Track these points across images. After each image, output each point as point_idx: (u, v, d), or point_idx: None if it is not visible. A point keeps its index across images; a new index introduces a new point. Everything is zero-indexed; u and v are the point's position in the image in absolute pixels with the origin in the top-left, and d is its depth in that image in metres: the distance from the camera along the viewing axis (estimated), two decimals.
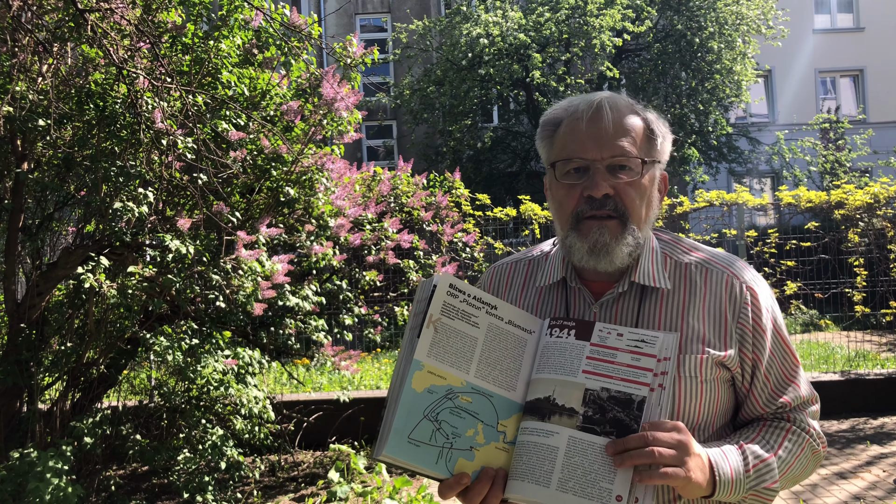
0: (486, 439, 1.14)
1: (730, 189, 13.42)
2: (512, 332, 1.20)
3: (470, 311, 1.17)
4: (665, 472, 1.03)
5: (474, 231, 6.10)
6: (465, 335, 1.16)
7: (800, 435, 1.23)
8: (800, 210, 6.99)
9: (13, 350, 3.97)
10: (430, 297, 1.15)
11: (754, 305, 1.22)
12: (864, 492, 4.38)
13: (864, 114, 19.31)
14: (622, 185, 1.19)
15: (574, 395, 1.12)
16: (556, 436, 1.10)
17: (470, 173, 14.24)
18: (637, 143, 1.21)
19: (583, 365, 1.15)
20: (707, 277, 1.24)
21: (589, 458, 1.07)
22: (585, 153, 1.19)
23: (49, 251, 4.89)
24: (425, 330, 1.13)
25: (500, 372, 1.18)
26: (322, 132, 4.49)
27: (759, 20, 14.96)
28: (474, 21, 13.90)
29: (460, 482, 1.09)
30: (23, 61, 3.64)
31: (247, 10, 4.26)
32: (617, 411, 1.09)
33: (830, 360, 7.25)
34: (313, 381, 6.85)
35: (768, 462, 1.17)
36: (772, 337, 1.24)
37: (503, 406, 1.16)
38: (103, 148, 3.96)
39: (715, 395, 1.21)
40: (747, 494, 1.16)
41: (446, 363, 1.14)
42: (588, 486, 1.05)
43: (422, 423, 1.10)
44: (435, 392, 1.12)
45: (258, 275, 3.79)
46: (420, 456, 1.09)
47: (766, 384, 1.23)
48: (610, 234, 1.19)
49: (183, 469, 4.10)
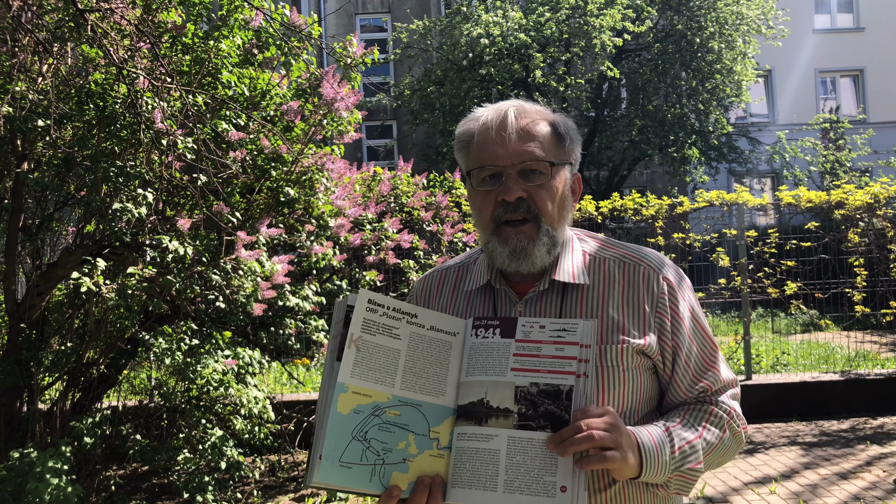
0: (418, 449, 1.14)
1: (730, 189, 13.42)
2: (435, 338, 1.21)
3: (391, 323, 1.18)
4: (604, 456, 1.06)
5: (474, 231, 6.10)
6: (388, 349, 1.17)
7: (721, 417, 1.27)
8: (800, 210, 6.99)
9: (13, 350, 3.97)
10: (346, 318, 1.16)
11: (671, 295, 1.28)
12: (863, 492, 4.38)
13: (864, 114, 19.31)
14: (534, 188, 1.25)
15: (506, 394, 1.14)
16: (496, 438, 1.11)
17: None
18: (545, 146, 1.26)
19: (511, 363, 1.16)
20: (625, 271, 1.30)
21: (530, 454, 1.09)
22: (497, 160, 1.25)
23: (49, 251, 4.89)
24: (347, 351, 1.14)
25: (426, 380, 1.18)
26: (322, 132, 4.49)
27: (760, 20, 14.95)
28: (475, 21, 13.89)
29: (392, 495, 1.11)
30: (23, 61, 3.64)
31: (247, 10, 4.26)
32: (548, 404, 1.12)
33: (830, 361, 7.25)
34: (313, 381, 6.85)
35: (693, 443, 1.21)
36: (690, 324, 1.29)
37: (433, 413, 1.17)
38: (103, 148, 3.96)
39: (637, 382, 1.25)
40: (673, 475, 1.19)
41: (370, 380, 1.15)
42: (533, 483, 1.07)
43: (351, 445, 1.11)
44: (361, 411, 1.13)
45: (258, 275, 3.79)
46: (352, 477, 1.10)
47: (688, 370, 1.28)
48: (526, 237, 1.25)
49: (183, 469, 4.09)
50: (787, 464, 4.97)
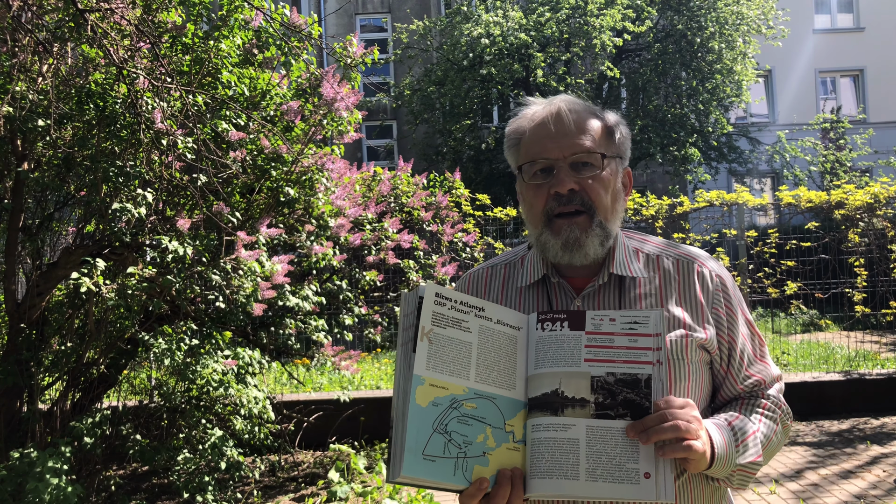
0: (496, 442, 1.14)
1: (730, 189, 13.42)
2: (503, 332, 1.21)
3: (459, 317, 1.18)
4: (688, 445, 1.06)
5: (474, 231, 6.10)
6: (460, 342, 1.16)
7: (774, 410, 1.31)
8: (800, 210, 6.99)
9: (13, 350, 3.97)
10: (418, 309, 1.15)
11: (725, 292, 1.31)
12: (864, 491, 4.37)
13: (865, 114, 19.30)
14: (585, 180, 1.25)
15: (581, 384, 1.13)
16: (574, 428, 1.11)
17: (470, 173, 14.24)
18: (596, 139, 1.27)
19: (584, 354, 1.16)
20: (679, 267, 1.32)
21: (610, 443, 1.08)
22: (548, 153, 1.26)
23: (49, 251, 4.89)
24: (420, 343, 1.13)
25: (498, 373, 1.18)
26: (322, 132, 4.49)
27: (760, 20, 14.96)
28: (475, 21, 13.89)
29: (481, 488, 1.10)
30: (23, 61, 3.64)
31: (247, 10, 4.26)
32: (626, 392, 1.11)
33: (831, 360, 7.25)
34: (313, 381, 6.85)
35: (754, 437, 1.23)
36: (742, 321, 1.31)
37: (507, 406, 1.16)
38: (103, 148, 3.96)
39: (699, 377, 1.27)
40: (735, 469, 1.20)
41: (446, 373, 1.14)
42: (616, 470, 1.06)
43: (433, 438, 1.10)
44: (439, 404, 1.12)
45: (258, 275, 3.79)
46: (437, 471, 1.08)
47: (742, 364, 1.30)
48: (580, 228, 1.25)
49: (183, 469, 4.09)
50: (788, 464, 4.97)
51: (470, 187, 6.62)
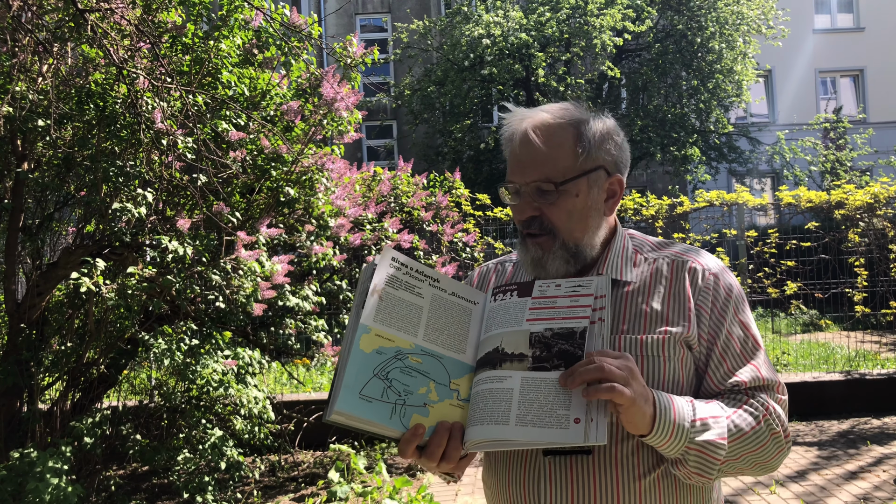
0: (439, 396, 1.15)
1: (730, 189, 13.41)
2: (457, 302, 1.25)
3: (413, 282, 1.21)
4: (611, 387, 1.06)
5: (474, 231, 6.10)
6: (411, 304, 1.20)
7: (757, 408, 1.23)
8: (800, 210, 6.99)
9: (13, 350, 3.97)
10: (370, 278, 1.19)
11: (715, 289, 1.29)
12: (865, 492, 4.37)
13: (865, 114, 19.30)
14: (546, 205, 1.27)
15: (521, 340, 1.17)
16: (510, 379, 1.13)
17: (470, 173, 14.24)
18: (559, 164, 1.26)
19: (526, 315, 1.20)
20: (673, 267, 1.31)
21: (543, 392, 1.10)
22: (513, 177, 1.29)
23: (49, 251, 4.89)
24: (370, 298, 1.16)
25: (447, 336, 1.21)
26: (322, 132, 4.49)
27: (760, 20, 14.96)
28: (475, 21, 13.89)
29: (416, 433, 1.11)
30: (23, 61, 3.64)
31: (247, 10, 4.26)
32: (561, 344, 1.14)
33: (831, 361, 7.25)
34: (313, 381, 6.85)
35: (717, 419, 1.18)
36: (731, 319, 1.28)
37: (454, 366, 1.19)
38: (103, 148, 3.96)
39: (678, 375, 1.25)
40: (692, 446, 1.16)
41: (393, 327, 1.16)
42: (546, 416, 1.08)
43: (372, 381, 1.11)
44: (384, 353, 1.14)
45: (258, 275, 3.79)
46: (373, 411, 1.09)
47: (722, 363, 1.26)
48: (542, 249, 1.28)
49: (183, 469, 4.10)
50: (788, 464, 4.97)
51: (470, 187, 6.62)
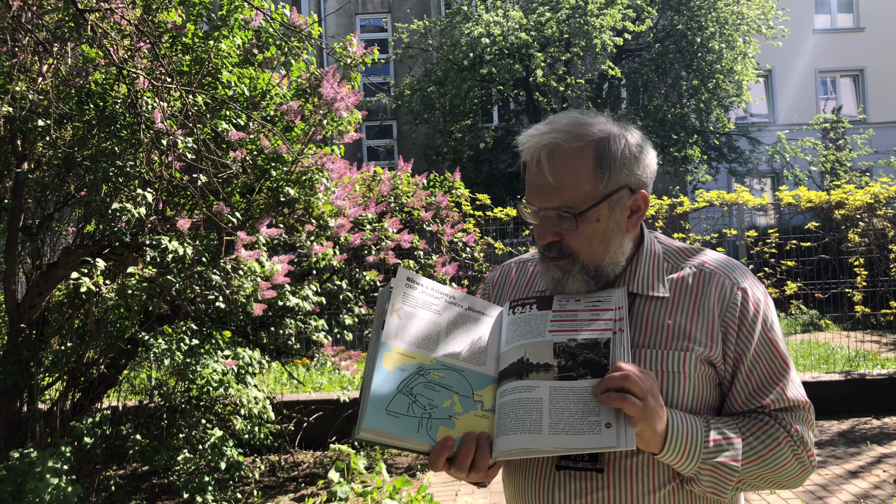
0: (463, 409, 1.16)
1: (730, 189, 13.42)
2: (473, 316, 1.26)
3: (429, 300, 1.24)
4: (623, 397, 1.07)
5: (474, 231, 6.10)
6: (429, 321, 1.21)
7: (777, 430, 1.21)
8: (800, 210, 6.99)
9: (13, 350, 3.97)
10: (391, 294, 1.22)
11: (743, 305, 1.24)
12: (865, 492, 4.37)
13: (865, 114, 19.30)
14: (565, 231, 1.25)
15: (545, 350, 1.17)
16: (538, 389, 1.14)
17: (470, 173, 14.24)
18: (578, 191, 1.21)
19: (548, 327, 1.21)
20: (701, 279, 1.28)
21: (573, 400, 1.11)
22: (532, 200, 1.26)
23: (49, 251, 4.89)
24: (389, 318, 1.18)
25: (467, 350, 1.22)
26: (322, 132, 4.49)
27: (760, 20, 14.95)
28: (475, 21, 13.89)
29: (446, 445, 1.11)
30: (23, 61, 3.64)
31: (247, 10, 4.26)
32: (586, 353, 1.15)
33: (831, 361, 7.25)
34: (313, 381, 6.85)
35: (732, 441, 1.17)
36: (759, 338, 1.24)
37: (476, 378, 1.19)
38: (103, 148, 3.96)
39: (698, 392, 1.23)
40: (705, 466, 1.15)
41: (413, 345, 1.18)
42: (577, 423, 1.09)
43: (397, 397, 1.13)
44: (406, 370, 1.15)
45: (258, 275, 3.79)
46: (400, 426, 1.10)
47: (748, 383, 1.23)
48: (562, 271, 1.27)
49: (183, 469, 4.09)
50: None
51: (470, 187, 6.62)
